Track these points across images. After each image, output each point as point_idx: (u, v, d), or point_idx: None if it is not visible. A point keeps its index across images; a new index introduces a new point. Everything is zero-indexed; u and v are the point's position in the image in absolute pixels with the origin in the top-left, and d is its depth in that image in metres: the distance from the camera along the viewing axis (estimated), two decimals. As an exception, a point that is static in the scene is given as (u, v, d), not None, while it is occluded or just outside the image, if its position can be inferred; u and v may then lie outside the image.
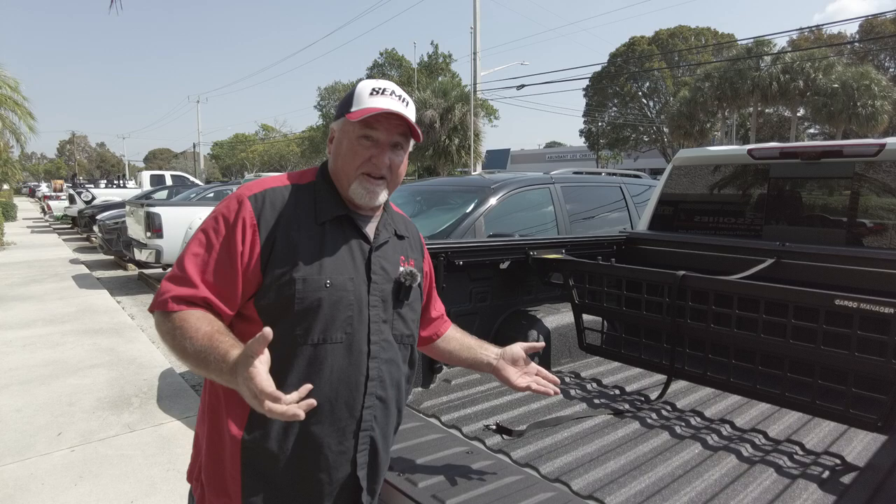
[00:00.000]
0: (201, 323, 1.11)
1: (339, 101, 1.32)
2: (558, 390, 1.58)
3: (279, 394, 0.97)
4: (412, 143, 1.34)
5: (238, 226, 1.18)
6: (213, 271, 1.17)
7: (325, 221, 1.25)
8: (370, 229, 1.32)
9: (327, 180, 1.31)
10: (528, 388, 1.58)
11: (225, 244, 1.18)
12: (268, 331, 0.96)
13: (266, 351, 0.98)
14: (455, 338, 1.66)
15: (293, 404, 0.97)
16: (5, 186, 24.08)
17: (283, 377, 1.16)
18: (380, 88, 1.27)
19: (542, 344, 1.65)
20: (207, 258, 1.17)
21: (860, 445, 1.98)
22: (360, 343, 1.24)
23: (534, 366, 1.63)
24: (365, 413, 1.26)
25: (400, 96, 1.29)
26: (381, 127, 1.24)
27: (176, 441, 3.69)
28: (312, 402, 0.99)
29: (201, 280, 1.16)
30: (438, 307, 1.66)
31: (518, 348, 1.60)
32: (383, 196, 1.30)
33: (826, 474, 1.78)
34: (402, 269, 1.34)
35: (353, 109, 1.24)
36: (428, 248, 2.43)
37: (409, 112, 1.28)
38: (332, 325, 1.20)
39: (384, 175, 1.27)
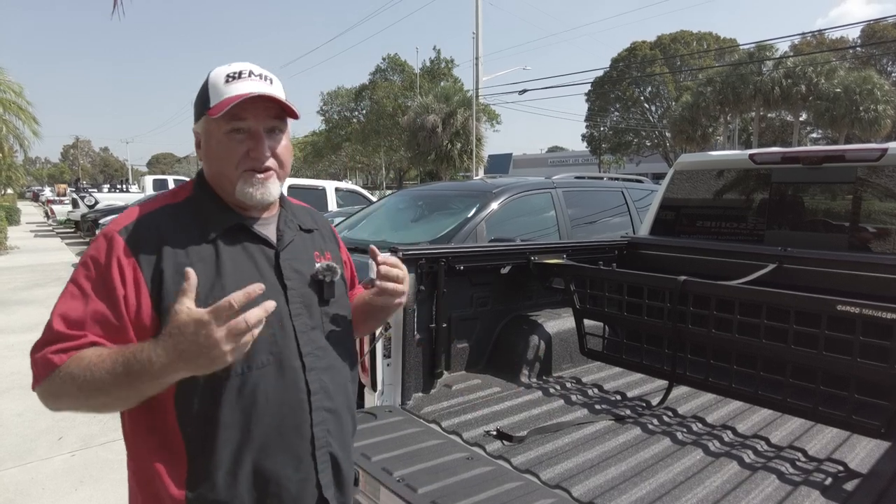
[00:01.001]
0: (100, 350, 0.97)
1: (196, 101, 1.14)
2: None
3: (230, 298, 0.87)
4: (291, 123, 1.18)
5: (113, 268, 1.01)
6: (94, 324, 0.99)
7: (215, 237, 1.09)
8: (270, 231, 1.18)
9: (206, 191, 1.15)
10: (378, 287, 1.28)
11: (102, 291, 1.00)
12: (189, 271, 0.91)
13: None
14: (357, 297, 1.45)
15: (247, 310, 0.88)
16: (9, 191, 24.17)
17: (215, 416, 1.03)
18: (235, 73, 1.11)
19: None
20: (83, 311, 0.99)
21: (863, 452, 1.97)
22: (290, 359, 1.11)
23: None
24: (316, 430, 1.14)
25: (261, 75, 1.13)
26: (249, 115, 1.09)
27: (177, 446, 3.68)
28: (257, 286, 0.90)
29: (82, 330, 0.99)
30: (354, 289, 1.48)
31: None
32: (276, 189, 1.15)
33: (829, 481, 1.77)
34: (318, 265, 1.21)
35: (211, 104, 1.09)
36: (429, 253, 2.46)
37: (276, 90, 1.13)
38: (255, 348, 1.02)
39: (270, 166, 1.12)
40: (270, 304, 0.92)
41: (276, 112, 1.13)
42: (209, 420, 1.04)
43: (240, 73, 1.12)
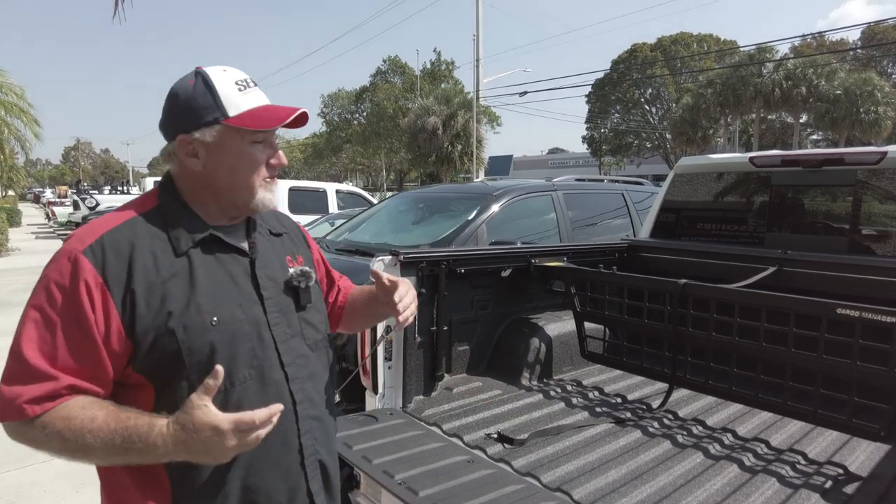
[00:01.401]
0: (91, 410, 0.93)
1: (187, 105, 1.08)
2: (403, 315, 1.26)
3: (253, 415, 0.89)
4: None
5: (80, 291, 0.95)
6: (68, 353, 0.94)
7: (186, 249, 1.05)
8: (239, 238, 1.15)
9: (175, 200, 1.11)
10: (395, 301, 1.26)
11: (70, 317, 0.95)
12: (219, 369, 0.89)
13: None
14: (358, 292, 1.44)
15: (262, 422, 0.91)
16: (10, 192, 24.21)
17: None
18: (243, 81, 1.11)
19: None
20: (53, 340, 0.94)
21: (863, 455, 1.97)
22: (271, 371, 1.09)
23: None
24: (304, 440, 1.13)
25: (256, 83, 1.14)
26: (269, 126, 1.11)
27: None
28: (278, 406, 0.93)
29: (55, 368, 0.93)
30: (340, 282, 1.46)
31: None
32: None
33: (829, 484, 1.78)
34: (291, 270, 1.18)
35: (231, 114, 1.06)
36: (430, 256, 2.47)
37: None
38: (235, 364, 1.03)
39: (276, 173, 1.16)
40: (277, 408, 0.93)
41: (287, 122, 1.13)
42: None
43: (246, 82, 1.11)
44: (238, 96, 1.08)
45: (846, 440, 2.06)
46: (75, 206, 19.22)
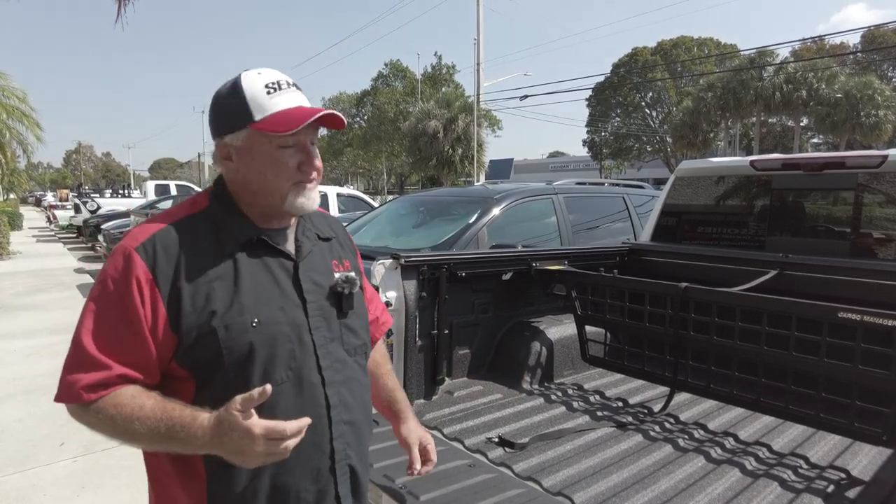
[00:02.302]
0: (140, 399, 0.99)
1: (220, 110, 1.11)
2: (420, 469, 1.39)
3: (285, 426, 0.94)
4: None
5: (132, 286, 1.01)
6: (120, 344, 1.00)
7: (233, 251, 1.08)
8: (288, 242, 1.16)
9: (225, 202, 1.13)
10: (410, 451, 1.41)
11: (122, 310, 1.01)
12: (267, 388, 0.92)
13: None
14: (375, 359, 1.44)
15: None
16: (11, 196, 24.26)
17: None
18: (274, 83, 1.09)
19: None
20: (108, 331, 1.01)
21: (865, 459, 1.96)
22: (309, 374, 1.10)
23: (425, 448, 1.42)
24: (336, 444, 1.14)
25: (293, 84, 1.12)
26: (300, 129, 1.07)
27: (178, 452, 3.68)
28: (306, 420, 0.97)
29: (109, 357, 1.00)
30: (373, 309, 1.44)
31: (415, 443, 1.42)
32: (318, 196, 1.17)
33: (831, 488, 1.77)
34: (337, 275, 1.19)
35: (257, 117, 1.06)
36: (431, 260, 2.47)
37: (307, 99, 1.13)
38: (273, 365, 1.06)
39: (314, 177, 1.14)
40: (305, 421, 0.97)
41: (317, 124, 1.12)
42: None
43: (278, 84, 1.10)
44: (265, 99, 1.08)
45: (848, 444, 2.06)
46: (76, 209, 19.24)
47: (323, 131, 1.27)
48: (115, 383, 1.00)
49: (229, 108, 1.09)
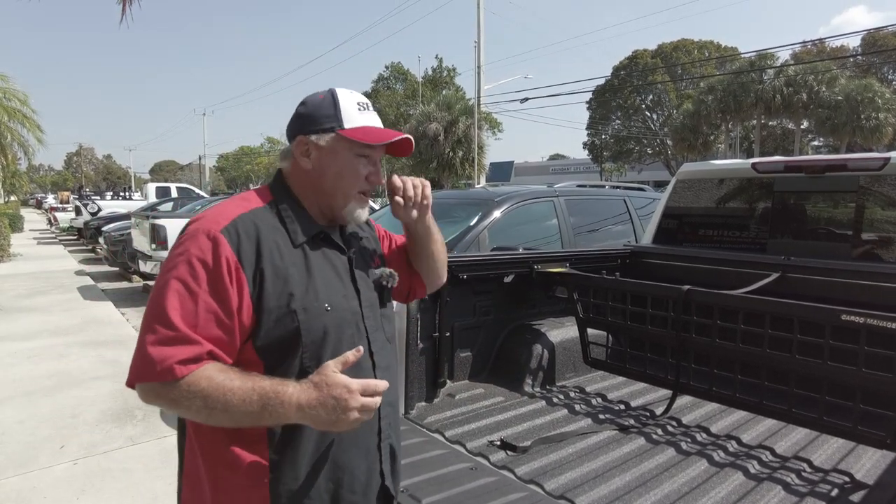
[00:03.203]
0: (228, 372, 1.03)
1: (313, 111, 1.22)
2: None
3: (377, 383, 1.04)
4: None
5: (222, 267, 1.06)
6: (208, 322, 1.04)
7: (302, 243, 1.18)
8: (339, 238, 1.28)
9: (291, 198, 1.23)
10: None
11: (212, 290, 1.05)
12: (360, 348, 1.06)
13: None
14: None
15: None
16: (13, 198, 24.28)
17: None
18: (363, 104, 1.25)
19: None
20: (195, 308, 1.04)
21: (869, 463, 1.96)
22: (363, 358, 1.19)
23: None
24: (382, 424, 1.25)
25: (373, 109, 1.28)
26: (377, 145, 1.23)
27: (178, 454, 3.67)
28: (385, 383, 1.07)
29: (198, 333, 1.03)
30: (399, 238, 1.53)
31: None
32: (368, 212, 1.29)
33: (835, 492, 1.76)
34: (378, 271, 1.32)
35: (346, 126, 1.20)
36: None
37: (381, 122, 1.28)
38: (340, 348, 1.14)
39: (373, 189, 1.27)
40: (384, 384, 1.06)
41: (390, 146, 1.25)
42: (296, 423, 1.09)
43: (367, 105, 1.25)
44: (356, 114, 1.22)
45: (852, 447, 2.05)
46: (77, 211, 19.24)
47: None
48: (205, 360, 1.03)
49: (322, 111, 1.21)
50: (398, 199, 1.32)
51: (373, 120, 1.24)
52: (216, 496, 1.12)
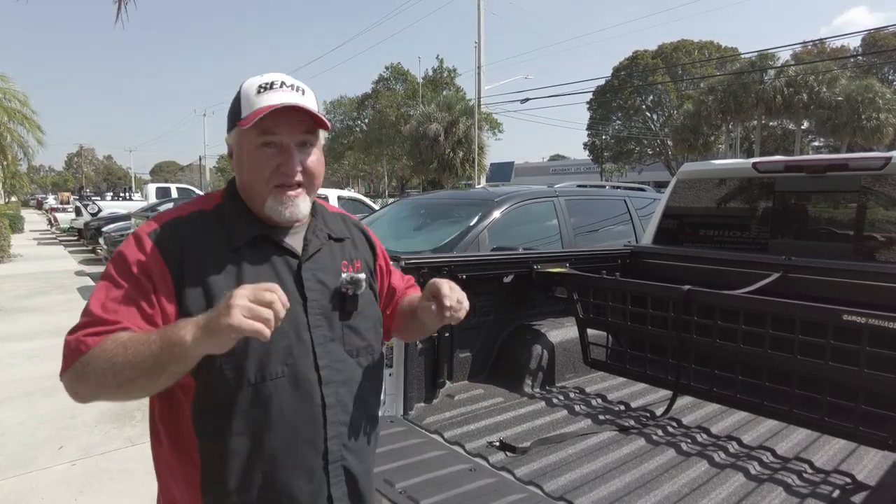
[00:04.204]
0: (133, 332, 0.99)
1: (229, 109, 1.15)
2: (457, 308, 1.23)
3: (268, 284, 0.92)
4: (322, 135, 1.18)
5: (145, 263, 1.04)
6: (129, 311, 1.02)
7: (239, 247, 1.11)
8: (296, 241, 1.17)
9: (235, 199, 1.17)
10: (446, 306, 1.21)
11: (134, 286, 1.03)
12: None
13: None
14: (407, 301, 1.41)
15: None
16: (13, 198, 24.29)
17: (228, 425, 1.05)
18: (267, 83, 1.11)
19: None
20: (118, 299, 1.02)
21: (871, 464, 1.95)
22: (305, 371, 1.10)
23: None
24: (330, 444, 1.14)
25: (293, 86, 1.13)
26: (282, 129, 1.09)
27: (178, 455, 3.66)
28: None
29: (116, 317, 1.01)
30: (405, 289, 1.44)
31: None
32: (306, 206, 1.15)
33: (836, 493, 1.75)
34: (343, 276, 1.19)
35: (243, 115, 1.09)
36: (432, 262, 2.45)
37: (309, 101, 1.12)
38: (269, 359, 1.06)
39: (299, 181, 1.12)
40: (275, 287, 0.92)
41: (308, 125, 1.12)
42: (222, 430, 1.05)
43: (272, 84, 1.11)
44: (254, 98, 1.10)
45: (853, 448, 2.04)
46: (77, 212, 19.26)
47: (324, 134, 1.26)
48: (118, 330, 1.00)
49: (232, 109, 1.14)
50: (436, 304, 1.19)
51: (273, 98, 1.08)
52: None
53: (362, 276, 1.21)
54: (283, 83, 1.12)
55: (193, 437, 1.06)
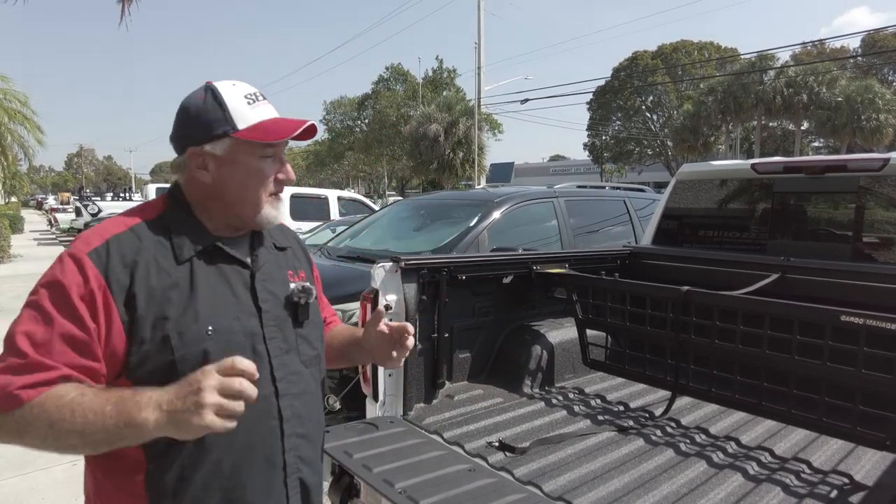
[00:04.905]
0: (81, 388, 0.91)
1: (198, 118, 1.08)
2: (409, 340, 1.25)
3: (234, 359, 0.87)
4: None
5: (82, 290, 0.95)
6: (65, 349, 0.93)
7: (189, 259, 1.05)
8: (243, 251, 1.14)
9: (182, 209, 1.11)
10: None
11: (72, 316, 0.94)
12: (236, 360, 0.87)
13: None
14: (338, 331, 1.43)
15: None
16: (13, 199, 24.29)
17: (180, 446, 0.98)
18: (252, 95, 1.11)
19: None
20: (51, 335, 0.93)
21: (868, 464, 1.95)
22: (262, 385, 1.03)
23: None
24: (288, 457, 1.12)
25: (266, 98, 1.14)
26: (279, 141, 1.11)
27: (178, 455, 3.67)
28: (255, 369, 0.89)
29: (51, 359, 0.92)
30: (328, 311, 1.45)
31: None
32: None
33: (834, 493, 1.76)
34: (292, 285, 1.18)
35: (240, 127, 1.07)
36: (431, 263, 2.46)
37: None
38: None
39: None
40: (247, 362, 0.88)
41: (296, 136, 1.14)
42: (175, 449, 0.99)
43: (255, 95, 1.12)
44: (247, 109, 1.09)
45: (851, 449, 2.04)
46: (77, 212, 19.29)
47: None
48: (58, 383, 0.92)
49: (209, 115, 1.08)
50: (398, 345, 1.22)
51: (267, 112, 1.11)
52: None
53: (310, 284, 1.21)
54: (261, 95, 1.14)
55: (142, 458, 0.99)
